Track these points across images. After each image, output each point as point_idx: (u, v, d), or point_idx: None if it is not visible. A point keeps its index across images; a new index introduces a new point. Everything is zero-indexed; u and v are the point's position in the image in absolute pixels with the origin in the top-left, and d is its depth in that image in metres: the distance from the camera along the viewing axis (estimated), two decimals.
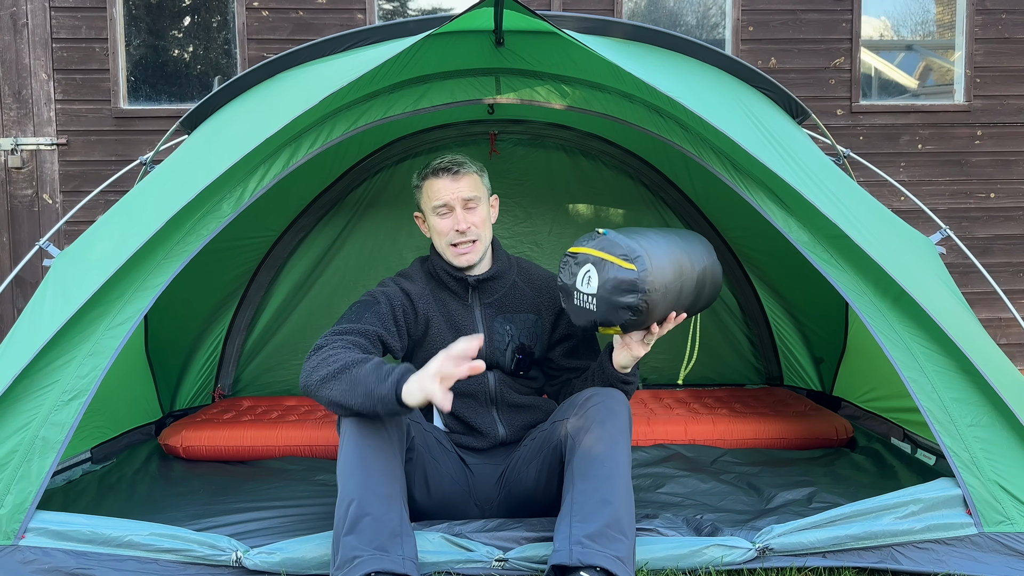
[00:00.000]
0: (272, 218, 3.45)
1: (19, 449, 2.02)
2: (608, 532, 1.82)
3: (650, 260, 1.96)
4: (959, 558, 2.04)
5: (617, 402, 2.04)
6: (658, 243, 2.03)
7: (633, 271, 1.94)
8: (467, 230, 2.19)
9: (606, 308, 1.96)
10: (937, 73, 4.74)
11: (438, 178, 2.22)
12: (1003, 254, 4.66)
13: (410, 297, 2.23)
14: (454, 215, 2.20)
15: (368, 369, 1.90)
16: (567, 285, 2.06)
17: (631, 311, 1.94)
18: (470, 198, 2.21)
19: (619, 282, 1.94)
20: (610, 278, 1.95)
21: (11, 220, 4.29)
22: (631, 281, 1.93)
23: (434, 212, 2.23)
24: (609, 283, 1.95)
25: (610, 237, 2.00)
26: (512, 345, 2.25)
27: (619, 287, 1.94)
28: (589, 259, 2.00)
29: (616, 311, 1.95)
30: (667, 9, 4.60)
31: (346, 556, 1.80)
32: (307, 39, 3.98)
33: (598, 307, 1.98)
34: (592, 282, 1.99)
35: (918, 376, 2.10)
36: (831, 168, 2.36)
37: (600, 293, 1.97)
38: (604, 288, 1.96)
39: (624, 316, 1.95)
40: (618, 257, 1.96)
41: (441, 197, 2.20)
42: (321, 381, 1.93)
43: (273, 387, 3.68)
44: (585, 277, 2.01)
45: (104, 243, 2.20)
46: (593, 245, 2.02)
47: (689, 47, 2.52)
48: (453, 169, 2.21)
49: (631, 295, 1.93)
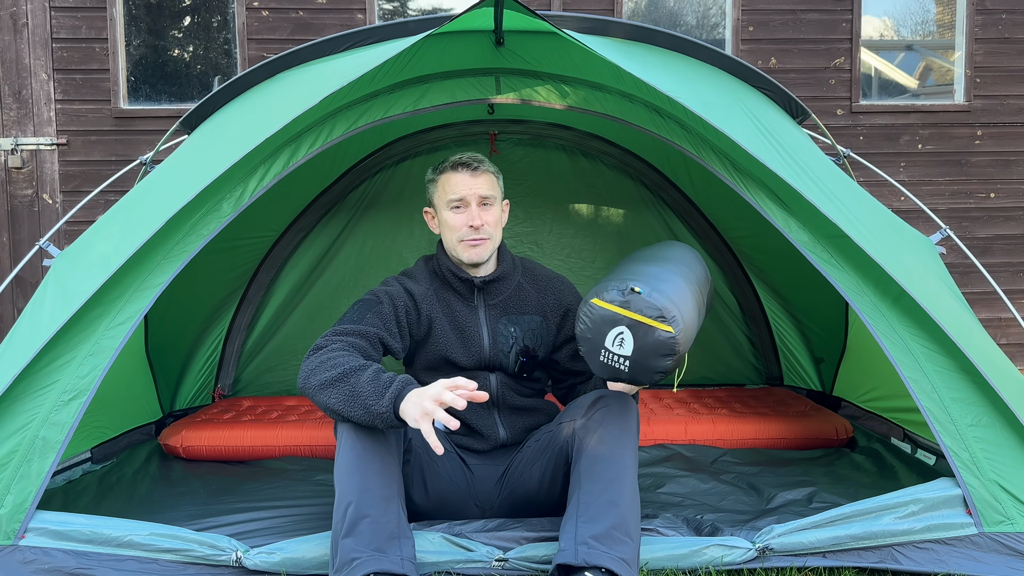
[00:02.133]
0: (272, 218, 3.45)
1: (19, 449, 2.02)
2: (614, 534, 1.82)
3: (682, 316, 1.88)
4: (959, 558, 2.04)
5: (625, 405, 2.03)
6: (681, 290, 1.95)
7: (671, 334, 1.86)
8: (480, 227, 2.16)
9: (639, 370, 1.89)
10: (937, 73, 4.74)
11: (456, 172, 2.19)
12: (1003, 254, 4.66)
13: (414, 297, 2.22)
14: (469, 211, 2.17)
15: (367, 380, 1.88)
16: (591, 340, 1.94)
17: (663, 372, 1.89)
18: (487, 196, 2.19)
19: (657, 346, 1.87)
20: (648, 343, 1.87)
21: (11, 220, 4.29)
22: (669, 345, 1.87)
23: (448, 206, 2.19)
24: (647, 347, 1.87)
25: (644, 297, 1.89)
26: (516, 347, 2.25)
27: (657, 351, 1.87)
28: (622, 320, 1.89)
29: (650, 373, 1.90)
30: (667, 9, 4.60)
31: (344, 558, 1.80)
32: (307, 39, 3.98)
33: (631, 369, 1.90)
34: (626, 345, 1.89)
35: (918, 376, 2.10)
36: (831, 168, 2.36)
37: (635, 357, 1.88)
38: (640, 352, 1.88)
39: (656, 378, 1.91)
40: (655, 320, 1.87)
41: (458, 191, 2.17)
42: (320, 386, 1.92)
43: (273, 387, 3.68)
44: (617, 339, 1.90)
45: (104, 243, 2.20)
46: (623, 304, 1.90)
47: (689, 47, 2.52)
48: (473, 165, 2.19)
49: (668, 358, 1.88)
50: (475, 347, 2.22)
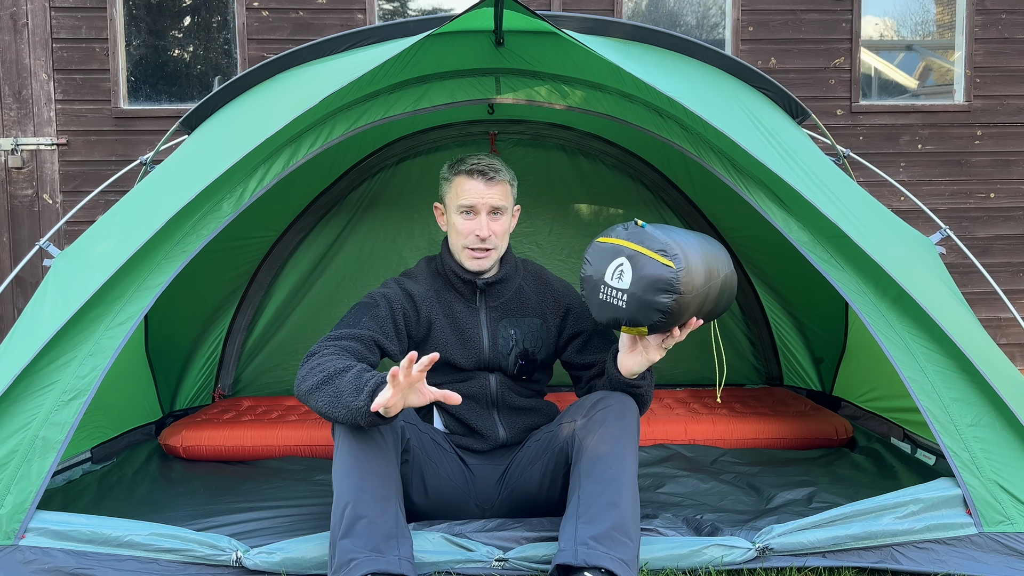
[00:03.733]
0: (272, 218, 3.45)
1: (19, 449, 2.02)
2: (614, 534, 1.82)
3: (686, 259, 1.84)
4: (959, 558, 2.04)
5: (626, 406, 2.03)
6: (691, 243, 1.91)
7: (671, 269, 1.81)
8: (487, 238, 2.16)
9: (637, 306, 1.85)
10: (937, 73, 4.74)
11: (471, 179, 2.16)
12: (1003, 254, 4.66)
13: (413, 298, 2.21)
14: (478, 220, 2.16)
15: (349, 379, 1.87)
16: (592, 277, 1.92)
17: (663, 312, 1.83)
18: (498, 207, 2.18)
19: (656, 279, 1.82)
20: (646, 275, 1.83)
21: (11, 220, 4.29)
22: (668, 280, 1.82)
23: (458, 210, 2.18)
24: (645, 279, 1.83)
25: (648, 230, 1.86)
26: (516, 350, 2.24)
27: (655, 285, 1.82)
28: (622, 251, 1.87)
29: (648, 311, 1.84)
30: (667, 9, 4.61)
31: (342, 559, 1.81)
32: (307, 39, 3.98)
33: (628, 304, 1.85)
34: (625, 277, 1.85)
35: (918, 376, 2.10)
36: (831, 168, 2.36)
37: (633, 290, 1.84)
38: (638, 284, 1.84)
39: (655, 317, 1.84)
40: (656, 252, 1.83)
41: (470, 198, 2.16)
42: (309, 391, 1.91)
43: (273, 387, 3.68)
44: (616, 271, 1.87)
45: (104, 243, 2.20)
46: (627, 236, 1.89)
47: (689, 47, 2.52)
48: (489, 174, 2.16)
49: (667, 295, 1.82)
50: (474, 348, 2.22)
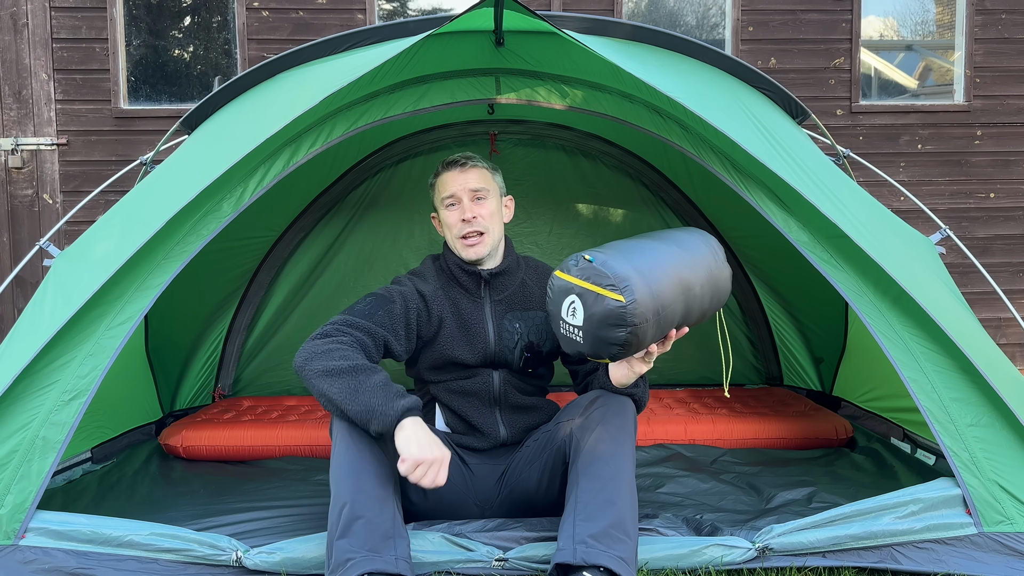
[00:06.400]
0: (272, 218, 3.45)
1: (19, 449, 2.02)
2: (612, 533, 1.83)
3: (639, 287, 1.80)
4: (959, 558, 2.04)
5: (623, 404, 2.04)
6: (653, 263, 1.88)
7: (620, 303, 1.78)
8: (473, 220, 2.19)
9: (593, 341, 1.84)
10: (937, 73, 4.74)
11: (447, 171, 2.24)
12: (1003, 254, 4.66)
13: (424, 298, 2.23)
14: (461, 206, 2.21)
15: (377, 382, 1.92)
16: (552, 312, 1.93)
17: (620, 345, 1.82)
18: (477, 189, 2.22)
19: (606, 315, 1.80)
20: (596, 312, 1.81)
21: (11, 220, 4.29)
22: (619, 315, 1.79)
23: (443, 205, 2.24)
24: (595, 316, 1.81)
25: (596, 265, 1.83)
26: (521, 343, 2.25)
27: (606, 320, 1.80)
28: (573, 289, 1.86)
29: (604, 345, 1.83)
30: (667, 9, 4.60)
31: (339, 559, 1.81)
32: (307, 39, 3.98)
33: (584, 339, 1.85)
34: (578, 314, 1.84)
35: (918, 376, 2.10)
36: (831, 168, 2.36)
37: (586, 327, 1.83)
38: (590, 321, 1.82)
39: (612, 350, 1.83)
40: (604, 288, 1.81)
41: (449, 188, 2.22)
42: (321, 373, 1.93)
43: (273, 387, 3.68)
44: (569, 308, 1.87)
45: (104, 243, 2.20)
46: (577, 273, 1.87)
47: (689, 47, 2.52)
48: (460, 161, 2.24)
49: (620, 328, 1.80)
50: (480, 344, 2.23)
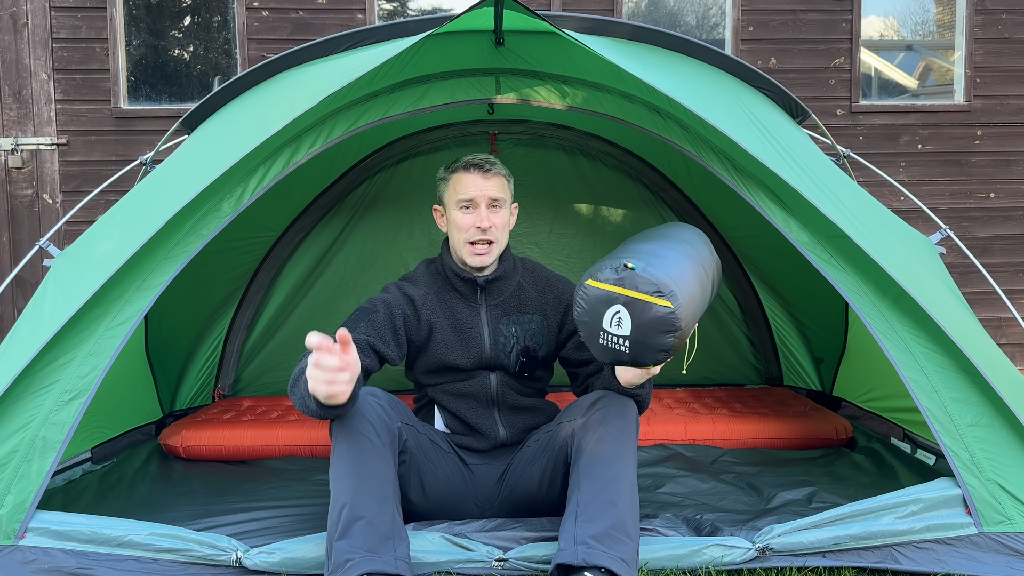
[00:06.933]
0: (272, 218, 3.45)
1: (19, 449, 2.02)
2: (613, 533, 1.83)
3: (680, 290, 1.81)
4: (959, 558, 2.04)
5: (625, 405, 2.03)
6: (680, 264, 1.88)
7: (669, 309, 1.79)
8: (488, 229, 2.18)
9: (640, 350, 1.82)
10: (937, 73, 4.74)
11: (468, 173, 2.20)
12: (1003, 254, 4.66)
13: (413, 302, 2.22)
14: (478, 212, 2.18)
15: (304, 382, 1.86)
16: (588, 323, 1.88)
17: (666, 351, 1.82)
18: (496, 198, 2.20)
19: (657, 323, 1.79)
20: (646, 320, 1.80)
21: (11, 220, 4.29)
22: (669, 320, 1.79)
23: (457, 206, 2.20)
24: (645, 325, 1.80)
25: (639, 272, 1.82)
26: (517, 347, 2.25)
27: (657, 328, 1.80)
28: (617, 299, 1.83)
29: (652, 352, 1.82)
30: (667, 9, 4.60)
31: (339, 560, 1.81)
32: (307, 39, 3.98)
33: (631, 349, 1.83)
34: (624, 324, 1.82)
35: (918, 376, 2.10)
36: (831, 168, 2.36)
37: (635, 336, 1.81)
38: (639, 331, 1.81)
39: (659, 357, 1.83)
40: (652, 295, 1.80)
41: (468, 192, 2.18)
42: (290, 392, 1.95)
43: (273, 387, 3.68)
44: (614, 318, 1.83)
45: (104, 243, 2.20)
46: (618, 281, 1.84)
47: (689, 47, 2.52)
48: (485, 167, 2.20)
49: (669, 334, 1.80)
50: (476, 348, 2.23)
